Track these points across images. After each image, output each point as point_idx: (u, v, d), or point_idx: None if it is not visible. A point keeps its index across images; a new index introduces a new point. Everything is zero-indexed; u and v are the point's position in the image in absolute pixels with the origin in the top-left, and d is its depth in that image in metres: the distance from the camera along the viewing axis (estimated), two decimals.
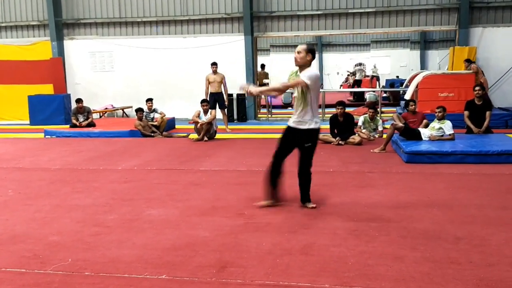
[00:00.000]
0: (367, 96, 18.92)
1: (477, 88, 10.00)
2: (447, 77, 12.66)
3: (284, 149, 5.30)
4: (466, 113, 9.98)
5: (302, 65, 5.07)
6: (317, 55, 34.11)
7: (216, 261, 3.83)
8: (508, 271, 3.55)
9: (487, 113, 9.83)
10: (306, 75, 4.99)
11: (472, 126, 9.82)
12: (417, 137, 8.70)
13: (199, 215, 5.12)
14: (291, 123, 5.20)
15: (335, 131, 9.93)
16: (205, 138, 10.66)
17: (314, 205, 5.32)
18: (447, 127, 8.67)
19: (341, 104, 10.06)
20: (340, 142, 9.65)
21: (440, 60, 22.19)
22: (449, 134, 8.63)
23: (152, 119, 12.25)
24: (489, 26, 13.94)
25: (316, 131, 5.16)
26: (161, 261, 3.86)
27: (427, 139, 8.66)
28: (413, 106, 9.76)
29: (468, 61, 13.12)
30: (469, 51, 13.28)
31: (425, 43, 30.74)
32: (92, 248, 4.19)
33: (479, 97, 9.91)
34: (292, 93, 20.81)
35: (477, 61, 13.45)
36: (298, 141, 5.18)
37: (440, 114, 8.78)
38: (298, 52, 5.03)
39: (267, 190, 5.38)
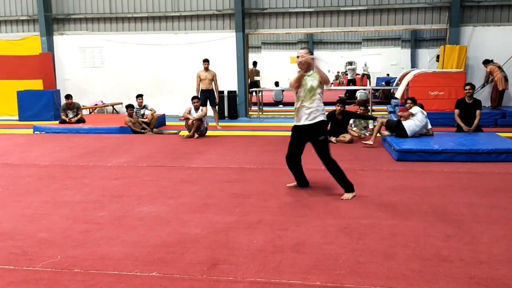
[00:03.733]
0: (358, 94, 18.96)
1: (467, 87, 10.05)
2: (437, 75, 12.72)
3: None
4: (456, 111, 10.03)
5: (307, 68, 5.54)
6: None
7: (207, 258, 3.82)
8: (498, 269, 3.56)
9: (477, 111, 9.89)
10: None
11: (462, 124, 9.87)
12: (402, 131, 8.80)
13: (190, 212, 5.10)
14: None
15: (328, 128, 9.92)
16: (196, 135, 10.63)
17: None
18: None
19: (341, 102, 10.01)
20: (331, 140, 9.65)
21: (430, 59, 22.33)
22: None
23: (143, 115, 12.19)
24: (479, 25, 14.02)
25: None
26: (152, 258, 3.83)
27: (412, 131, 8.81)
28: (410, 104, 9.82)
29: (486, 61, 13.28)
30: (459, 50, 13.36)
31: (416, 41, 30.88)
32: (81, 245, 4.15)
33: (469, 96, 9.97)
34: (283, 91, 20.91)
35: (467, 60, 13.54)
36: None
37: (409, 106, 9.37)
38: (302, 57, 5.48)
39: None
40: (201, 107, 10.95)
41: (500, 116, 12.26)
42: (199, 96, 12.04)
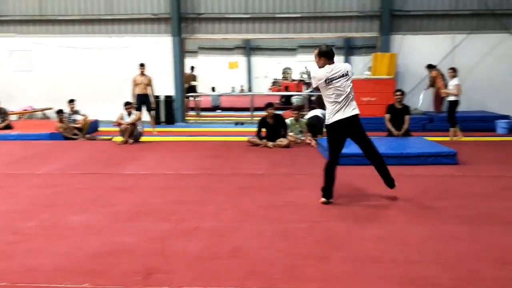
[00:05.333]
0: (293, 100, 19.26)
1: (397, 93, 10.45)
2: (369, 82, 13.17)
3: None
4: (387, 116, 10.39)
5: (321, 68, 5.60)
6: (245, 58, 34.50)
7: (142, 268, 3.73)
8: (428, 268, 3.71)
9: (406, 117, 10.30)
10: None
11: (392, 129, 10.25)
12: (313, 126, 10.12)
13: (124, 221, 4.97)
14: None
15: (263, 133, 10.00)
16: (130, 141, 10.40)
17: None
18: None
19: (271, 105, 10.12)
20: (268, 144, 9.73)
21: (363, 66, 22.99)
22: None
23: (74, 121, 11.78)
24: (408, 33, 14.62)
25: (327, 125, 5.60)
26: (83, 269, 3.70)
27: None
28: None
29: (430, 66, 13.75)
30: (390, 57, 13.86)
31: (349, 49, 31.75)
32: (9, 257, 3.95)
33: (399, 101, 10.36)
34: (220, 96, 20.94)
35: (397, 67, 14.07)
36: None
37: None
38: (315, 58, 5.68)
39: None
40: (134, 112, 10.75)
41: (427, 121, 12.84)
42: (134, 100, 11.86)
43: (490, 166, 7.81)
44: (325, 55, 5.62)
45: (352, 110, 5.56)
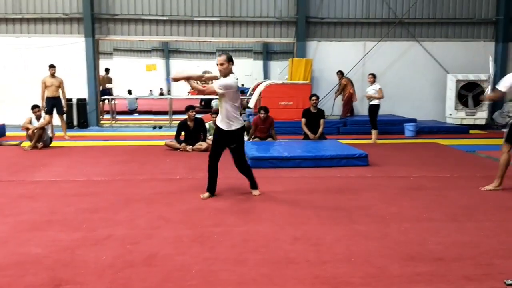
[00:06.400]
0: (213, 103, 19.25)
1: (313, 97, 10.74)
2: (286, 86, 13.45)
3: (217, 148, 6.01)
4: (303, 120, 10.65)
5: (225, 75, 5.64)
6: (164, 61, 34.05)
7: (49, 280, 3.53)
8: (339, 268, 3.81)
9: (321, 120, 10.61)
10: (218, 84, 5.61)
11: (308, 132, 10.51)
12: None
13: (31, 230, 4.69)
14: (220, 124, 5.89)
15: (182, 137, 9.87)
16: (40, 146, 9.87)
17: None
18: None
19: (192, 108, 9.97)
20: (187, 148, 9.62)
21: (281, 71, 23.46)
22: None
23: None
24: (323, 40, 15.10)
25: (236, 131, 5.85)
26: None
27: None
28: (263, 114, 10.20)
29: (341, 73, 14.24)
30: (306, 62, 14.22)
31: (267, 54, 32.26)
32: None
33: (314, 105, 10.65)
34: (136, 99, 20.54)
35: (313, 72, 14.47)
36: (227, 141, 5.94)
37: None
38: (221, 64, 5.58)
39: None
40: (43, 115, 10.22)
41: (342, 124, 13.31)
42: (44, 104, 11.30)
43: (398, 167, 8.21)
44: (232, 63, 5.76)
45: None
